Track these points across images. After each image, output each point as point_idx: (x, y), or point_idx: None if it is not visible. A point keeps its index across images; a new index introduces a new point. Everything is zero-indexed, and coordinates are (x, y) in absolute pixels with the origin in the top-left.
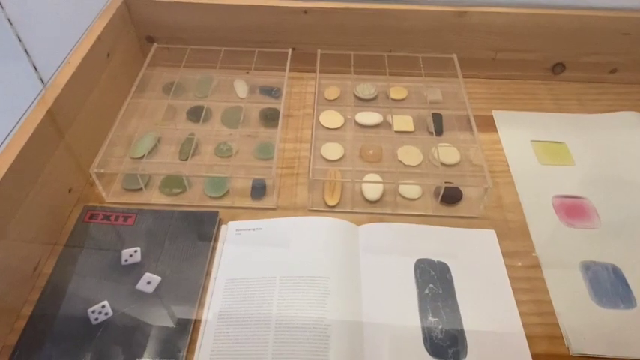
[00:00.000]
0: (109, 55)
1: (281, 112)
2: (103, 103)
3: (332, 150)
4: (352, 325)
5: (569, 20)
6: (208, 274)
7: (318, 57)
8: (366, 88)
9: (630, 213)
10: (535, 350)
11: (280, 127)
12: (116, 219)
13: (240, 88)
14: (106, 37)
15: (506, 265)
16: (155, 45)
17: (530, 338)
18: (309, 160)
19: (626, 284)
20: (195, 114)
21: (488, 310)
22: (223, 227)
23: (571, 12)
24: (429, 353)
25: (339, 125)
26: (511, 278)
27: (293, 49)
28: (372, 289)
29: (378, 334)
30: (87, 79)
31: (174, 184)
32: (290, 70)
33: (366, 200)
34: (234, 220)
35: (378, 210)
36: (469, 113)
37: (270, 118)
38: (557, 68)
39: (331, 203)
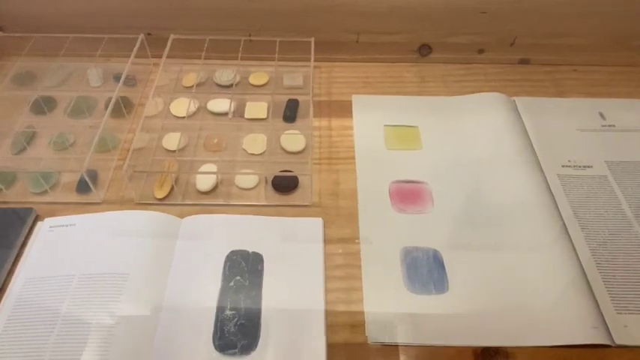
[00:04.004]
0: None
1: (113, 100)
2: None
3: (174, 140)
4: (143, 324)
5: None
6: (12, 273)
7: (169, 42)
8: (225, 74)
9: (464, 197)
10: (334, 340)
11: (107, 116)
12: None
13: (94, 76)
14: None
15: (326, 254)
16: (0, 33)
17: (332, 327)
18: (124, 151)
19: (443, 269)
20: (39, 105)
21: (293, 300)
22: (39, 224)
23: None
24: (215, 348)
25: (190, 113)
26: (329, 267)
27: (148, 34)
28: (178, 286)
29: (171, 334)
30: None
31: None
32: (151, 57)
33: (199, 191)
34: (55, 216)
35: (209, 201)
36: (310, 99)
37: (117, 107)
38: (424, 50)
39: (159, 196)
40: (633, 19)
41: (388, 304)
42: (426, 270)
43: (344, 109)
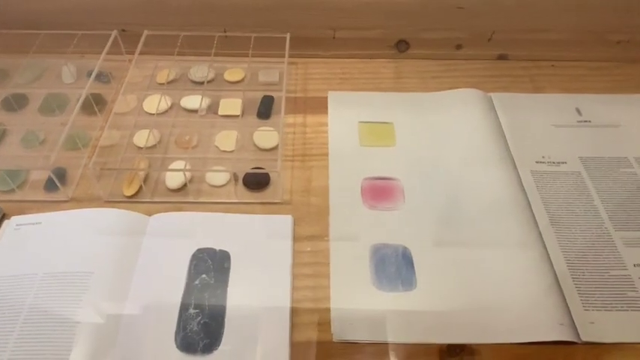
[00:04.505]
0: None
1: (82, 97)
2: None
3: (145, 137)
4: (106, 323)
5: None
6: None
7: (143, 38)
8: (200, 70)
9: (435, 193)
10: (298, 338)
11: (75, 113)
12: None
13: (67, 73)
14: None
15: (295, 251)
16: None
17: (297, 326)
18: (95, 149)
19: (412, 266)
20: (10, 102)
21: (259, 299)
22: (5, 223)
23: None
24: (178, 347)
25: (163, 110)
26: (297, 264)
27: (123, 30)
28: (142, 284)
29: (134, 332)
30: None
31: None
32: (126, 54)
33: (168, 189)
34: (23, 214)
35: (179, 199)
36: (282, 95)
37: (88, 104)
38: (401, 46)
39: (128, 193)
40: (611, 14)
41: (355, 301)
42: (395, 267)
43: (320, 106)
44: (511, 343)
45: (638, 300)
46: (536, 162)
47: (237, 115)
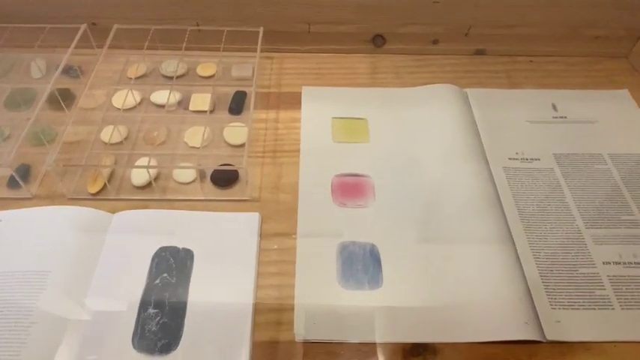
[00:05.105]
0: None
1: (47, 92)
2: None
3: (113, 133)
4: (62, 323)
5: None
6: None
7: (112, 32)
8: (171, 65)
9: (406, 190)
10: (260, 338)
11: (39, 109)
12: None
13: (36, 68)
14: None
15: (261, 249)
16: None
17: (259, 325)
18: (58, 144)
19: (379, 264)
20: None
21: (221, 298)
22: None
23: None
24: (134, 347)
25: (131, 105)
26: (262, 263)
27: (93, 24)
28: (102, 284)
29: (91, 333)
30: None
31: None
32: (97, 48)
33: (134, 186)
34: None
35: (145, 196)
36: (252, 90)
37: (55, 99)
38: (378, 41)
39: (92, 191)
40: (589, 9)
41: (319, 300)
42: (362, 265)
43: (293, 101)
44: (475, 342)
45: (605, 298)
46: (509, 158)
47: (207, 111)
